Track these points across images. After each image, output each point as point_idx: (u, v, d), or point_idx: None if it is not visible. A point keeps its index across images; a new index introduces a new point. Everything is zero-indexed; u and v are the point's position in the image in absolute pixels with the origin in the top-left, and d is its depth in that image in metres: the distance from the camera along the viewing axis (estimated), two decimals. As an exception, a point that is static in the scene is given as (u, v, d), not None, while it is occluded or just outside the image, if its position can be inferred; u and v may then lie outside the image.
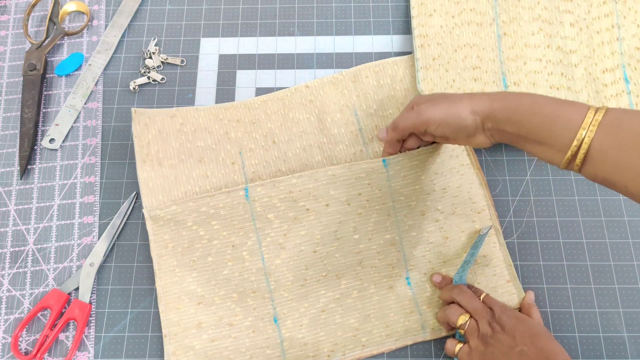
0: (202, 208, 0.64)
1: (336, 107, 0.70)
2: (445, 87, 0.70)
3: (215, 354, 0.61)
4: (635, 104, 0.70)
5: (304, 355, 0.61)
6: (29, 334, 0.63)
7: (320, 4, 0.79)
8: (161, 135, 0.68)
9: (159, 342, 0.63)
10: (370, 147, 0.69)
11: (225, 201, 0.65)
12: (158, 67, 0.75)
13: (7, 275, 0.66)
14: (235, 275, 0.63)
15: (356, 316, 0.62)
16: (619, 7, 0.75)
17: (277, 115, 0.70)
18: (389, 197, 0.65)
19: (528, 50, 0.73)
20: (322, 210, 0.64)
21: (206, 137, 0.69)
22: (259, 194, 0.65)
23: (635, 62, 0.72)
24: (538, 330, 0.55)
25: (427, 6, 0.76)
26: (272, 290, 0.63)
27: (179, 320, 0.62)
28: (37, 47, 0.75)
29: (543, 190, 0.68)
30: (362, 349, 0.61)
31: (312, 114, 0.70)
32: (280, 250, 0.64)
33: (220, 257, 0.64)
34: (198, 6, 0.79)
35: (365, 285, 0.63)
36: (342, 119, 0.70)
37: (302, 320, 0.62)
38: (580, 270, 0.64)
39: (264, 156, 0.68)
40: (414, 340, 0.62)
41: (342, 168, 0.65)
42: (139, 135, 0.68)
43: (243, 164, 0.68)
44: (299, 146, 0.69)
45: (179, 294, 0.62)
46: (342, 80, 0.72)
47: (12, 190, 0.69)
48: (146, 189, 0.66)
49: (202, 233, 0.64)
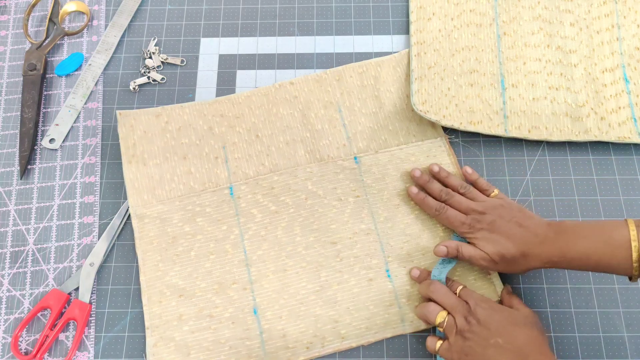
0: (188, 206, 0.67)
1: (320, 103, 0.72)
2: (440, 97, 0.70)
3: (195, 345, 0.61)
4: (635, 103, 0.70)
5: (283, 346, 0.61)
6: (29, 334, 0.63)
7: (320, 4, 0.79)
8: (146, 136, 0.70)
9: (159, 342, 0.63)
10: (353, 142, 0.70)
11: (211, 199, 0.67)
12: (158, 67, 0.75)
13: (7, 275, 0.66)
14: (217, 268, 0.64)
15: (336, 308, 0.63)
16: (619, 6, 0.75)
17: (261, 110, 0.71)
18: (362, 191, 0.68)
19: (528, 50, 0.73)
20: (301, 204, 0.67)
21: (190, 134, 0.70)
22: (243, 192, 0.67)
23: (635, 62, 0.72)
24: (515, 319, 0.56)
25: (426, 10, 0.76)
26: (253, 281, 0.64)
27: (161, 313, 0.63)
28: (37, 47, 0.75)
29: (543, 190, 0.68)
30: (342, 341, 0.62)
31: (296, 110, 0.71)
32: (262, 241, 0.65)
33: (202, 251, 0.65)
34: (198, 6, 0.79)
35: (345, 277, 0.64)
36: (326, 114, 0.71)
37: (282, 312, 0.63)
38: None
39: (247, 150, 0.69)
40: (393, 333, 0.62)
41: (318, 165, 0.68)
42: (125, 137, 0.70)
43: (226, 158, 0.69)
44: (282, 140, 0.70)
45: (161, 287, 0.64)
46: (327, 78, 0.73)
47: (12, 190, 0.70)
48: (132, 189, 0.68)
49: (187, 229, 0.66)
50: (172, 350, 0.61)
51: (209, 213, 0.66)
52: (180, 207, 0.67)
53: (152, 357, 0.61)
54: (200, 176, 0.68)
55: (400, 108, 0.71)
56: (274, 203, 0.67)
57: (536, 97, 0.71)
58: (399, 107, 0.71)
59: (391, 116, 0.71)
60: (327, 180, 0.68)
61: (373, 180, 0.68)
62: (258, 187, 0.67)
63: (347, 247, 0.65)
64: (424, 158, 0.69)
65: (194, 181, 0.68)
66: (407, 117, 0.71)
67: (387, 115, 0.71)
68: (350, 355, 0.62)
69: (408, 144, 0.70)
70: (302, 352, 0.61)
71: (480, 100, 0.70)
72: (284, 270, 0.64)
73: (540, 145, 0.70)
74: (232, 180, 0.68)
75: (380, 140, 0.70)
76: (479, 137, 0.71)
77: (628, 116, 0.69)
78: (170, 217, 0.66)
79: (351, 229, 0.66)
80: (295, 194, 0.67)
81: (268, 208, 0.67)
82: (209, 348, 0.61)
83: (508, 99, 0.70)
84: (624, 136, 0.68)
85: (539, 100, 0.70)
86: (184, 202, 0.67)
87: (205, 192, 0.67)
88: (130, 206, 0.67)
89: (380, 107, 0.72)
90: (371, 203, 0.67)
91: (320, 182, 0.68)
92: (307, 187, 0.68)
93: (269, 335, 0.62)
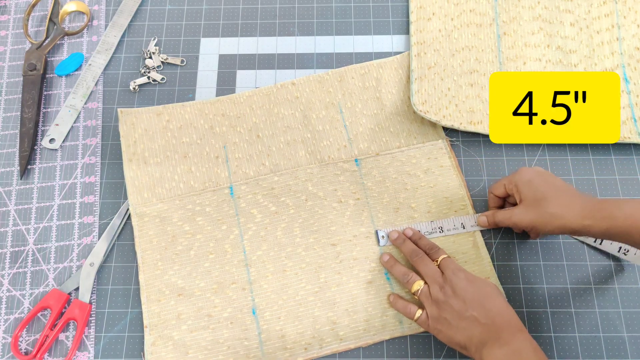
0: (188, 205, 0.67)
1: (322, 104, 0.72)
2: (440, 97, 0.70)
3: (194, 344, 0.61)
4: (635, 104, 0.70)
5: (281, 347, 0.61)
6: (29, 334, 0.63)
7: (320, 4, 0.79)
8: (147, 134, 0.70)
9: (159, 342, 0.63)
10: (354, 143, 0.70)
11: (211, 199, 0.67)
12: (158, 67, 0.75)
13: (7, 275, 0.66)
14: (216, 267, 0.64)
15: (334, 310, 0.63)
16: (619, 7, 0.75)
17: (262, 110, 0.71)
18: (362, 194, 0.68)
19: (528, 50, 0.73)
20: (302, 205, 0.67)
21: (191, 133, 0.70)
22: (244, 192, 0.67)
23: (635, 62, 0.72)
24: (488, 291, 0.56)
25: (426, 10, 0.76)
26: (252, 281, 0.64)
27: (160, 311, 0.63)
28: (37, 47, 0.75)
29: (543, 190, 0.68)
30: (340, 343, 0.62)
31: (297, 110, 0.71)
32: (262, 242, 0.65)
33: (202, 250, 0.65)
34: (198, 6, 0.79)
35: (344, 279, 0.64)
36: (327, 115, 0.71)
37: (280, 313, 0.63)
38: (580, 270, 0.64)
39: (248, 150, 0.69)
40: (392, 335, 0.62)
41: (318, 167, 0.69)
42: (126, 135, 0.70)
43: (227, 158, 0.69)
44: (283, 141, 0.70)
45: (160, 286, 0.64)
46: (328, 79, 0.73)
47: (12, 190, 0.70)
48: (132, 187, 0.68)
49: (187, 228, 0.66)
50: (171, 349, 0.61)
51: (209, 212, 0.66)
52: (180, 205, 0.67)
53: (151, 355, 0.61)
54: (200, 175, 0.68)
55: (402, 110, 0.71)
56: (274, 203, 0.67)
57: (536, 97, 0.71)
58: (400, 109, 0.71)
59: (392, 118, 0.71)
60: (328, 182, 0.68)
61: (374, 184, 0.68)
62: (258, 187, 0.67)
63: (347, 249, 0.65)
64: (424, 160, 0.69)
65: (194, 180, 0.68)
66: (408, 119, 0.71)
67: (389, 117, 0.71)
68: (351, 355, 0.62)
69: (409, 146, 0.70)
70: (301, 353, 0.61)
71: (480, 101, 0.70)
72: (283, 271, 0.64)
73: (540, 146, 0.70)
74: (233, 180, 0.68)
75: (381, 141, 0.70)
76: (479, 138, 0.71)
77: (628, 116, 0.69)
78: (170, 215, 0.66)
79: (351, 232, 0.66)
80: (296, 195, 0.67)
81: (268, 208, 0.67)
82: (207, 347, 0.61)
83: (508, 99, 0.71)
84: (624, 136, 0.68)
85: (538, 100, 0.70)
86: (184, 201, 0.67)
87: (206, 192, 0.67)
88: (130, 204, 0.67)
89: (382, 109, 0.72)
90: (371, 206, 0.67)
91: (320, 184, 0.68)
92: (308, 188, 0.68)
93: (268, 336, 0.62)
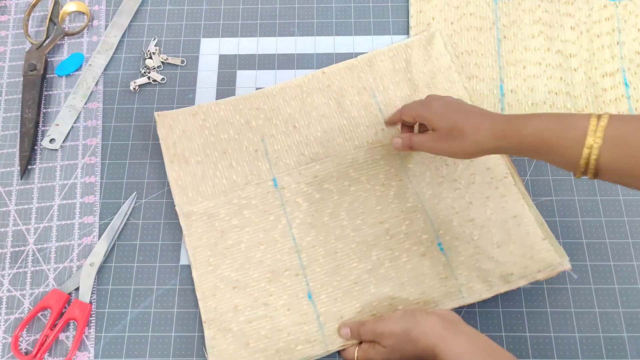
0: (233, 200, 0.67)
1: (354, 90, 0.72)
2: None
3: (254, 334, 0.62)
4: (634, 108, 0.70)
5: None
6: (29, 334, 0.63)
7: (320, 4, 0.79)
8: (185, 134, 0.70)
9: (160, 342, 0.63)
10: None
11: (256, 192, 0.68)
12: (158, 67, 0.75)
13: (7, 275, 0.66)
14: (268, 257, 0.65)
15: (390, 285, 0.63)
16: (619, 10, 0.75)
17: (296, 101, 0.72)
18: (404, 174, 0.68)
19: (528, 53, 0.73)
20: (345, 190, 0.68)
21: (228, 129, 0.71)
22: (287, 182, 0.68)
23: (635, 66, 0.72)
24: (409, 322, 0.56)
25: (425, 14, 0.76)
26: (305, 266, 0.64)
27: (216, 306, 0.63)
28: (37, 47, 0.75)
29: (543, 190, 0.68)
30: None
31: (330, 98, 0.72)
32: (310, 228, 0.66)
33: (252, 242, 0.66)
34: (198, 6, 0.79)
35: (396, 254, 0.64)
36: (361, 101, 0.72)
37: (337, 294, 0.63)
38: (580, 270, 0.65)
39: (286, 141, 0.70)
40: (452, 305, 0.62)
41: (359, 152, 0.69)
42: (165, 138, 0.70)
43: (266, 151, 0.70)
44: (320, 129, 0.71)
45: (214, 281, 0.64)
46: (358, 65, 0.74)
47: (13, 190, 0.69)
48: (176, 187, 0.68)
49: (235, 222, 0.66)
50: (231, 341, 0.61)
51: (255, 205, 0.67)
52: (226, 201, 0.67)
53: (212, 349, 0.61)
54: (242, 169, 0.69)
55: (435, 88, 0.71)
56: (318, 191, 0.68)
57: (535, 102, 0.71)
58: (432, 88, 0.71)
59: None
60: (369, 166, 0.69)
61: (414, 164, 0.68)
62: (301, 176, 0.68)
63: (396, 225, 0.66)
64: None
65: (236, 175, 0.68)
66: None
67: (422, 97, 0.69)
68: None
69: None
70: None
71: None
72: (335, 253, 0.65)
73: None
74: (275, 172, 0.68)
75: None
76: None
77: (626, 119, 0.70)
78: (217, 212, 0.67)
79: (398, 208, 0.66)
80: (339, 181, 0.68)
81: (313, 196, 0.67)
82: (267, 336, 0.62)
83: (506, 106, 0.71)
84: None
85: (537, 105, 0.71)
86: (229, 196, 0.67)
87: (249, 185, 0.68)
88: (176, 205, 0.67)
89: (415, 89, 0.72)
90: (414, 184, 0.67)
91: (361, 169, 0.68)
92: (350, 174, 0.68)
93: (326, 318, 0.62)
